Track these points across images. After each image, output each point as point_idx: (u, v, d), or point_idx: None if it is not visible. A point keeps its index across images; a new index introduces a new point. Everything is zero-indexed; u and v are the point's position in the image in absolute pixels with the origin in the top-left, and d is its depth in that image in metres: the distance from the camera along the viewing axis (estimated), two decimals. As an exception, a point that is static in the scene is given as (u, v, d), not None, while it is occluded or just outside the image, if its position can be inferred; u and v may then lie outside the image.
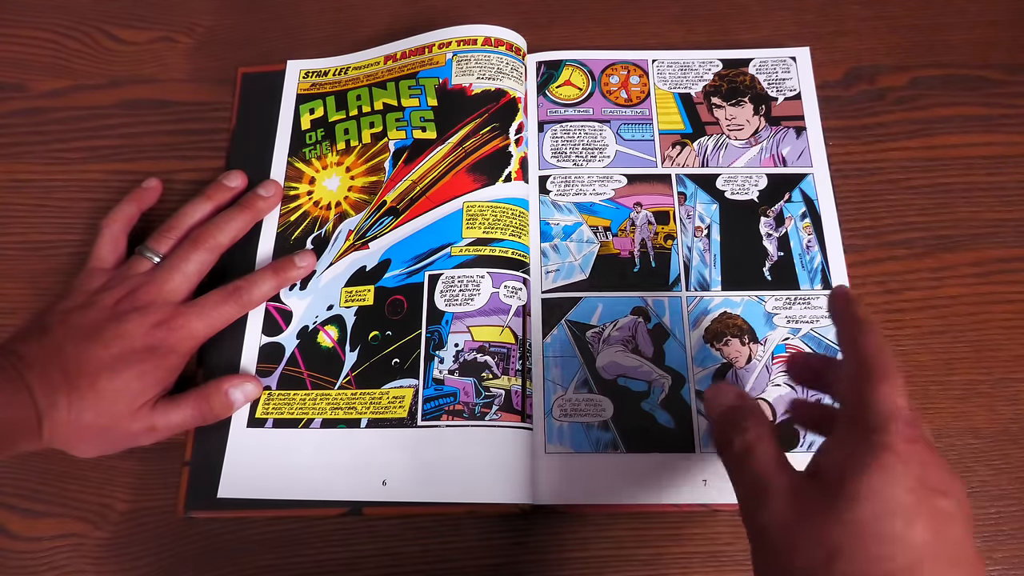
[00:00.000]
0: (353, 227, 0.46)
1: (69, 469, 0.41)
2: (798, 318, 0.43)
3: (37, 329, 0.37)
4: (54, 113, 0.50)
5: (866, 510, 0.25)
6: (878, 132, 0.49)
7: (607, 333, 0.43)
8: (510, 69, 0.48)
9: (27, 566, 0.40)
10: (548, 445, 0.41)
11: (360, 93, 0.49)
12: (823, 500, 0.26)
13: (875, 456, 0.26)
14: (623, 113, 0.49)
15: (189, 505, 0.40)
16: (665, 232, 0.45)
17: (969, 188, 0.47)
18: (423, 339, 0.42)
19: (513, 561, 0.40)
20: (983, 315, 0.44)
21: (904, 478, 0.26)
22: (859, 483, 0.26)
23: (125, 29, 0.53)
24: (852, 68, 0.51)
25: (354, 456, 0.40)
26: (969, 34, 0.52)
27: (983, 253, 0.46)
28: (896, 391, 0.28)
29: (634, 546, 0.40)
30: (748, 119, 0.48)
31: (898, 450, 0.26)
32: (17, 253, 0.47)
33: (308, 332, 0.43)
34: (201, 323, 0.40)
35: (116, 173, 0.49)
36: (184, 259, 0.41)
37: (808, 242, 0.45)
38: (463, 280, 0.42)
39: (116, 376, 0.37)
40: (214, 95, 0.51)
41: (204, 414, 0.40)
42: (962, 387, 0.43)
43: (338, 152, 0.48)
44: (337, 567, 0.40)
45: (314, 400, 0.41)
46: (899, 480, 0.26)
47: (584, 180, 0.47)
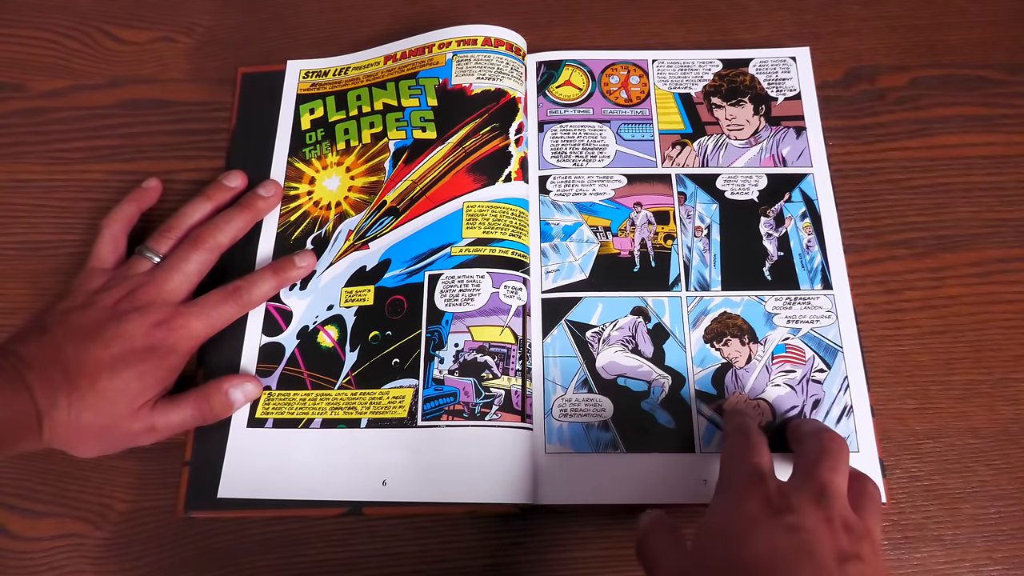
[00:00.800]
0: (353, 227, 0.46)
1: (69, 469, 0.41)
2: (798, 318, 0.43)
3: (37, 329, 0.37)
4: (54, 113, 0.50)
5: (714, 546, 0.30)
6: (878, 132, 0.49)
7: (607, 333, 0.43)
8: (510, 69, 0.48)
9: (27, 566, 0.40)
10: (548, 445, 0.41)
11: (360, 93, 0.49)
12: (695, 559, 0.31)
13: (722, 500, 0.33)
14: (623, 113, 0.49)
15: (189, 505, 0.40)
16: (665, 232, 0.45)
17: (969, 188, 0.47)
18: (423, 339, 0.42)
19: (513, 561, 0.40)
20: (983, 315, 0.44)
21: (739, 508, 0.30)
22: (708, 526, 0.32)
23: (125, 29, 0.53)
24: (852, 68, 0.51)
25: (354, 456, 0.40)
26: (969, 34, 0.52)
27: (983, 253, 0.46)
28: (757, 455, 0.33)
29: (634, 546, 0.40)
30: (748, 119, 0.48)
31: (739, 488, 0.32)
32: (17, 253, 0.47)
33: (308, 332, 0.43)
34: (201, 323, 0.40)
35: (116, 173, 0.49)
36: (184, 259, 0.41)
37: (808, 242, 0.45)
38: (463, 280, 0.42)
39: (116, 376, 0.37)
40: (214, 95, 0.51)
41: (204, 414, 0.40)
42: (962, 387, 0.43)
43: (338, 152, 0.48)
44: (337, 567, 0.40)
45: (314, 400, 0.41)
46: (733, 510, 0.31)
47: (584, 180, 0.47)
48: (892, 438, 0.42)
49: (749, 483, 0.31)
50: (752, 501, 0.30)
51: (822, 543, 0.28)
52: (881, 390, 0.42)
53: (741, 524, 0.29)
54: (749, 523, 0.29)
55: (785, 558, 0.27)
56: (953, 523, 0.40)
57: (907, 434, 0.42)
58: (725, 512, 0.31)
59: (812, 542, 0.28)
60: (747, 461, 0.33)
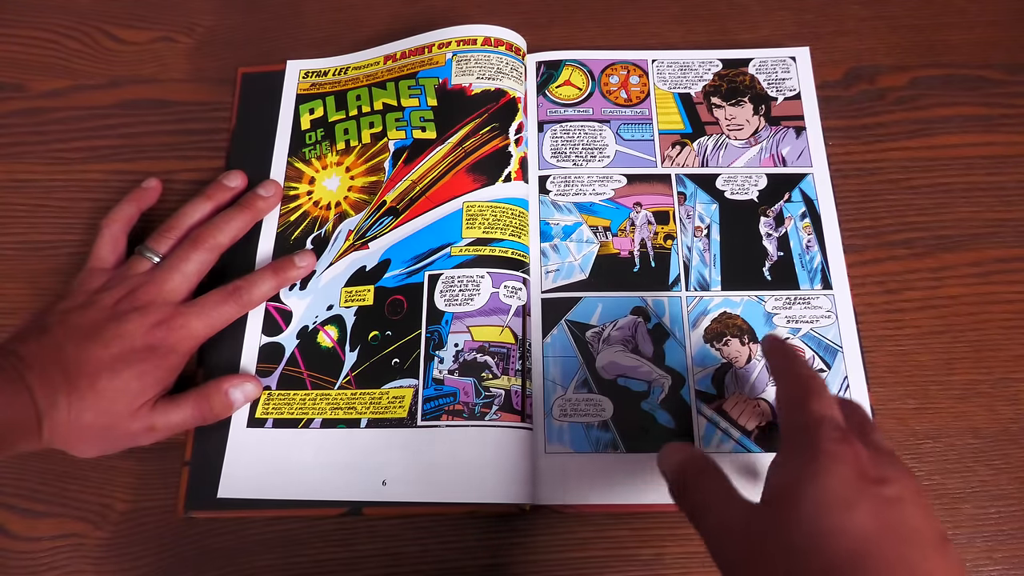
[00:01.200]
0: (353, 227, 0.46)
1: (69, 469, 0.41)
2: (798, 318, 0.43)
3: (37, 329, 0.37)
4: (54, 113, 0.50)
5: (805, 514, 0.26)
6: (878, 132, 0.49)
7: (607, 333, 0.43)
8: (510, 69, 0.48)
9: (27, 566, 0.40)
10: (548, 445, 0.41)
11: (360, 93, 0.49)
12: (772, 521, 0.27)
13: (807, 461, 0.28)
14: (623, 113, 0.49)
15: (189, 505, 0.40)
16: (665, 232, 0.45)
17: (969, 188, 0.47)
18: (423, 339, 0.42)
19: (513, 561, 0.40)
20: (983, 315, 0.44)
21: (838, 473, 0.27)
22: (796, 491, 0.27)
23: (125, 29, 0.53)
24: (852, 68, 0.51)
25: (354, 456, 0.40)
26: (969, 34, 0.52)
27: (983, 253, 0.46)
28: (824, 404, 0.30)
29: (634, 546, 0.40)
30: (748, 119, 0.48)
31: (829, 450, 0.27)
32: (17, 253, 0.47)
33: (308, 332, 0.43)
34: (201, 323, 0.40)
35: (116, 173, 0.49)
36: (184, 259, 0.41)
37: (808, 242, 0.45)
38: (463, 280, 0.42)
39: (116, 376, 0.37)
40: (214, 95, 0.51)
41: (204, 414, 0.40)
42: (962, 387, 0.43)
43: (338, 152, 0.48)
44: (337, 567, 0.40)
45: (314, 400, 0.41)
46: (833, 475, 0.27)
47: (584, 180, 0.47)
48: (892, 438, 0.42)
49: (835, 442, 0.28)
50: (844, 466, 0.27)
51: (923, 517, 0.26)
52: (881, 390, 0.42)
53: (839, 490, 0.26)
54: (848, 490, 0.26)
55: (895, 533, 0.25)
56: (953, 523, 0.40)
57: (907, 434, 0.42)
58: (811, 473, 0.27)
59: (916, 517, 0.26)
60: (821, 410, 0.29)
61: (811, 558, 0.25)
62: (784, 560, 0.26)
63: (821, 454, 0.27)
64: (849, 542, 0.25)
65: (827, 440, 0.28)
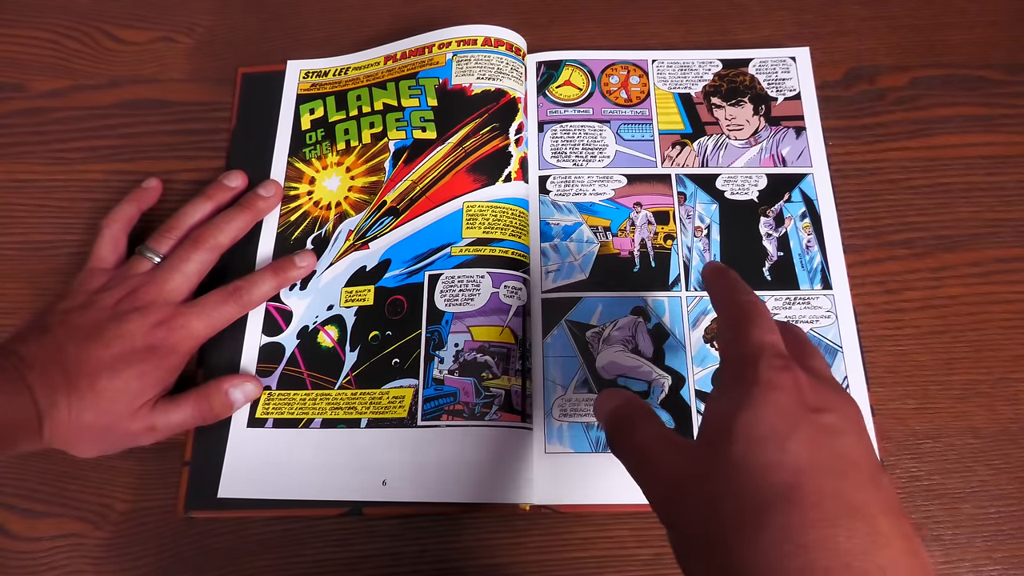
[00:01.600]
0: (353, 227, 0.46)
1: (69, 469, 0.41)
2: (798, 318, 0.43)
3: (37, 329, 0.37)
4: (54, 113, 0.50)
5: (739, 446, 0.25)
6: (878, 132, 0.49)
7: (607, 333, 0.43)
8: (510, 69, 0.48)
9: (27, 566, 0.40)
10: (548, 445, 0.41)
11: (360, 93, 0.49)
12: (709, 460, 0.26)
13: (744, 393, 0.26)
14: (623, 113, 0.49)
15: (189, 505, 0.40)
16: (665, 232, 0.45)
17: (969, 188, 0.47)
18: (423, 339, 0.42)
19: (513, 561, 0.40)
20: (983, 315, 0.44)
21: (775, 404, 0.26)
22: (732, 422, 0.26)
23: (125, 29, 0.53)
24: (852, 68, 0.51)
25: (354, 456, 0.40)
26: (969, 34, 0.52)
27: (983, 253, 0.46)
28: (763, 330, 0.28)
29: (634, 546, 0.40)
30: (748, 119, 0.48)
31: (766, 379, 0.26)
32: (17, 253, 0.47)
33: (308, 332, 0.43)
34: (201, 323, 0.40)
35: (116, 173, 0.49)
36: (184, 259, 0.41)
37: (808, 242, 0.45)
38: (463, 280, 0.42)
39: (116, 376, 0.37)
40: (214, 95, 0.51)
41: (204, 414, 0.40)
42: (962, 387, 0.43)
43: (338, 152, 0.48)
44: (337, 567, 0.40)
45: (314, 400, 0.42)
46: (769, 406, 0.26)
47: (584, 180, 0.47)
48: (892, 438, 0.42)
49: (774, 370, 0.27)
50: (783, 394, 0.26)
51: (860, 447, 0.25)
52: (881, 390, 0.42)
53: (775, 420, 0.25)
54: (785, 420, 0.25)
55: (830, 464, 0.24)
56: (953, 523, 0.40)
57: (907, 434, 0.42)
58: (752, 404, 0.26)
59: (852, 447, 0.25)
60: (760, 337, 0.28)
61: (746, 494, 0.24)
62: (723, 499, 0.25)
63: (759, 384, 0.26)
64: (784, 475, 0.24)
65: (766, 369, 0.27)
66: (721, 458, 0.26)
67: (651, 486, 0.28)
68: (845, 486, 0.24)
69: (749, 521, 0.24)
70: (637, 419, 0.30)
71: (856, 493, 0.24)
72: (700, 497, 0.26)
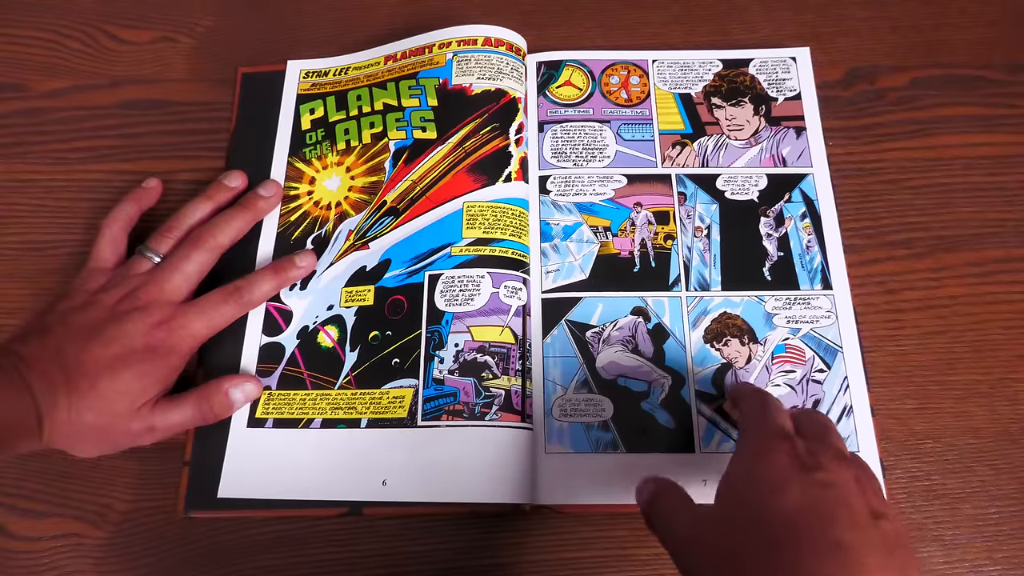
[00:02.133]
0: (353, 227, 0.46)
1: (69, 469, 0.41)
2: (798, 318, 0.43)
3: (37, 329, 0.37)
4: (54, 113, 0.50)
5: (745, 498, 0.30)
6: (878, 132, 0.49)
7: (607, 333, 0.43)
8: (510, 69, 0.48)
9: (27, 566, 0.40)
10: (548, 445, 0.41)
11: (360, 93, 0.49)
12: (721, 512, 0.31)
13: (748, 456, 0.32)
14: (623, 113, 0.49)
15: (189, 505, 0.40)
16: (665, 232, 0.45)
17: (969, 188, 0.47)
18: (423, 339, 0.42)
19: (513, 561, 0.40)
20: (983, 315, 0.44)
21: (773, 462, 0.30)
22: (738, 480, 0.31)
23: (125, 29, 0.53)
24: (852, 68, 0.51)
25: (354, 456, 0.40)
26: (969, 34, 0.52)
27: (983, 253, 0.46)
28: (777, 414, 0.33)
29: (633, 546, 0.40)
30: (748, 119, 0.48)
31: (768, 446, 0.31)
32: (17, 253, 0.47)
33: (308, 332, 0.43)
34: (201, 323, 0.40)
35: (116, 173, 0.49)
36: (184, 259, 0.41)
37: (808, 242, 0.45)
38: (463, 280, 0.42)
39: (116, 376, 0.37)
40: (214, 95, 0.51)
41: (204, 414, 0.40)
42: (962, 387, 0.43)
43: (338, 152, 0.48)
44: (337, 567, 0.40)
45: (314, 400, 0.42)
46: (768, 464, 0.30)
47: (584, 180, 0.47)
48: (892, 438, 0.42)
49: (776, 439, 0.31)
50: (781, 455, 0.30)
51: (855, 498, 0.28)
52: (881, 390, 0.42)
53: (773, 478, 0.29)
54: (781, 477, 0.29)
55: (822, 510, 0.28)
56: (953, 523, 0.40)
57: (907, 434, 0.42)
58: (754, 466, 0.31)
59: (847, 496, 0.28)
60: (771, 420, 0.33)
61: (754, 537, 0.28)
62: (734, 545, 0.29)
63: (761, 448, 0.31)
64: (783, 520, 0.28)
65: (768, 439, 0.31)
66: (732, 507, 0.30)
67: (675, 543, 0.32)
68: (835, 527, 0.27)
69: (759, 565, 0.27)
70: (661, 491, 0.34)
71: (845, 533, 0.27)
72: (717, 546, 0.29)
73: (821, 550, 0.27)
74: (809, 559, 0.26)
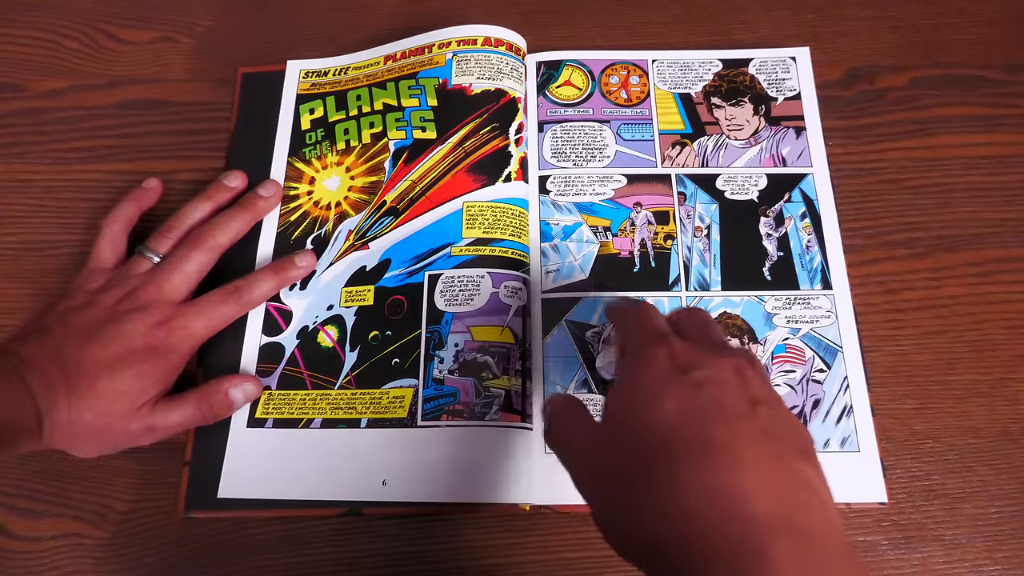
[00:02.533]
0: (353, 227, 0.46)
1: (69, 469, 0.41)
2: (798, 318, 0.43)
3: (37, 329, 0.37)
4: (54, 113, 0.50)
5: (622, 419, 0.29)
6: (878, 132, 0.49)
7: (607, 333, 0.43)
8: (510, 69, 0.48)
9: (27, 566, 0.40)
10: (548, 445, 0.41)
11: (360, 93, 0.49)
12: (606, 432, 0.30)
13: (624, 371, 0.30)
14: (623, 113, 0.49)
15: (189, 505, 0.40)
16: (665, 232, 0.45)
17: (969, 188, 0.47)
18: (423, 339, 0.42)
19: (513, 561, 0.40)
20: (983, 315, 0.44)
21: (646, 374, 0.29)
22: (615, 401, 0.30)
23: (125, 29, 0.53)
24: (852, 68, 0.51)
25: (354, 456, 0.40)
26: (969, 34, 0.52)
27: (983, 253, 0.46)
28: (644, 319, 0.32)
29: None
30: (748, 119, 0.48)
31: (641, 355, 0.30)
32: (17, 253, 0.47)
33: (308, 332, 0.43)
34: (201, 323, 0.40)
35: (116, 173, 0.49)
36: (184, 259, 0.41)
37: (808, 242, 0.45)
38: (463, 280, 0.42)
39: (116, 376, 0.37)
40: (214, 95, 0.51)
41: (204, 414, 0.40)
42: (962, 387, 0.43)
43: (338, 152, 0.48)
44: (337, 567, 0.40)
45: (314, 400, 0.41)
46: (640, 378, 0.29)
47: (584, 180, 0.47)
48: (892, 438, 0.42)
49: (652, 344, 0.30)
50: (656, 363, 0.29)
51: (731, 391, 0.28)
52: (881, 390, 0.42)
53: (650, 388, 0.28)
54: (658, 385, 0.28)
55: (696, 413, 0.27)
56: (953, 523, 0.40)
57: (907, 434, 0.42)
58: (633, 378, 0.29)
59: (721, 393, 0.27)
60: (648, 324, 0.32)
61: (635, 454, 0.27)
62: (616, 464, 0.28)
63: (635, 361, 0.30)
64: (659, 432, 0.27)
65: (645, 345, 0.30)
66: (613, 428, 0.29)
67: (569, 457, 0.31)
68: (708, 428, 0.26)
69: (639, 481, 0.26)
70: (559, 411, 0.33)
71: (718, 431, 0.26)
72: (599, 464, 0.29)
73: (695, 455, 0.26)
74: (686, 467, 0.25)
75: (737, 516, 0.24)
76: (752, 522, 0.24)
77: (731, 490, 0.24)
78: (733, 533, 0.24)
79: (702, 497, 0.25)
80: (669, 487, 0.25)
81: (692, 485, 0.25)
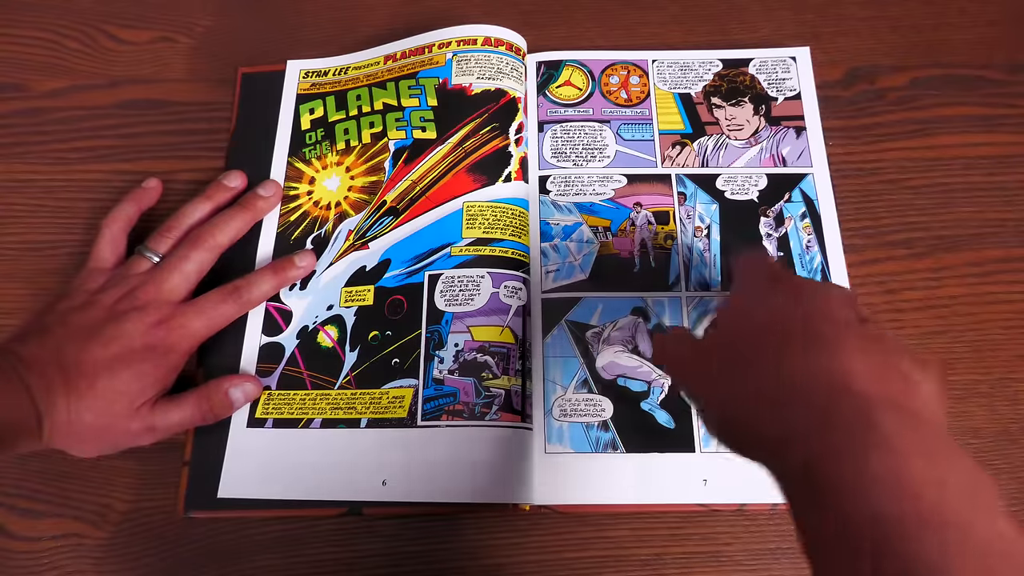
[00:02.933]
0: (353, 227, 0.46)
1: (69, 469, 0.41)
2: (798, 318, 0.43)
3: (36, 329, 0.37)
4: (54, 113, 0.50)
5: (732, 311, 0.33)
6: (878, 132, 0.49)
7: (607, 333, 0.43)
8: (510, 69, 0.48)
9: (27, 566, 0.40)
10: (548, 445, 0.41)
11: (360, 93, 0.49)
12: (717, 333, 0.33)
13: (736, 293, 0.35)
14: (623, 113, 0.49)
15: (189, 505, 0.40)
16: (665, 232, 0.45)
17: (969, 188, 0.47)
18: (423, 339, 0.42)
19: (513, 561, 0.40)
20: (983, 315, 0.44)
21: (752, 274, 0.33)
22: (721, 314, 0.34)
23: (125, 29, 0.53)
24: (852, 68, 0.51)
25: (354, 456, 0.40)
26: (969, 34, 0.52)
27: (983, 253, 0.46)
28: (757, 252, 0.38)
29: (633, 546, 0.40)
30: (748, 119, 0.48)
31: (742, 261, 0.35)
32: (17, 253, 0.47)
33: (308, 332, 0.43)
34: (200, 322, 0.40)
35: (116, 173, 0.49)
36: (183, 259, 0.41)
37: (808, 242, 0.45)
38: (463, 280, 0.42)
39: (115, 376, 0.37)
40: (214, 95, 0.51)
41: (204, 414, 0.40)
42: (962, 387, 0.43)
43: (338, 152, 0.48)
44: (337, 567, 0.40)
45: (314, 400, 0.41)
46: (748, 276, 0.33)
47: (584, 180, 0.47)
48: (892, 438, 0.42)
49: (771, 280, 0.32)
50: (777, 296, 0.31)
51: (842, 307, 0.29)
52: (881, 390, 0.42)
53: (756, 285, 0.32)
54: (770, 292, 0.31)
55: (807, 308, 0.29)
56: (953, 523, 0.40)
57: (907, 434, 0.42)
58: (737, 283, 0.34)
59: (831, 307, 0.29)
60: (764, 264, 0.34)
61: (745, 334, 0.30)
62: (728, 343, 0.31)
63: (754, 289, 0.33)
64: (770, 310, 0.30)
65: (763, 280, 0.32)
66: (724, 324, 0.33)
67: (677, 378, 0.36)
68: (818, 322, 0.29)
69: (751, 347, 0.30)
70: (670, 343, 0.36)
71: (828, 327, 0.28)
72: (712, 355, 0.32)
73: (806, 343, 0.28)
74: (792, 352, 0.27)
75: (845, 390, 0.25)
76: (860, 396, 0.25)
77: (838, 370, 0.26)
78: (844, 406, 0.25)
79: (809, 377, 0.27)
80: (777, 368, 0.28)
81: (798, 367, 0.27)
